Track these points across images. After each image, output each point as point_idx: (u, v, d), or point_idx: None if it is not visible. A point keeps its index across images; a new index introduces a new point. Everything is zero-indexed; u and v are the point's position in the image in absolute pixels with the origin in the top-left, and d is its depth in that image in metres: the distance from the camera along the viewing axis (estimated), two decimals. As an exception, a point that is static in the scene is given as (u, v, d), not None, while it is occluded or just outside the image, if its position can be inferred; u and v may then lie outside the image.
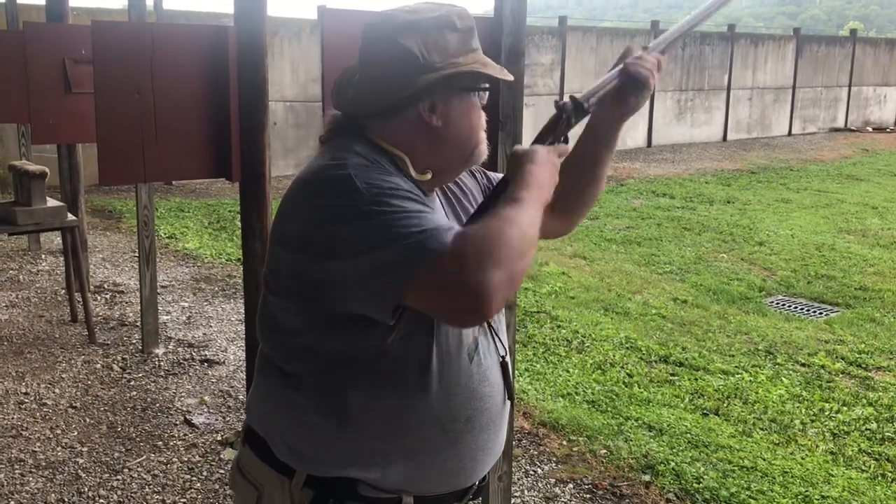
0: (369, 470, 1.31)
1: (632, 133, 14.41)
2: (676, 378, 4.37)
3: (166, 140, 2.90)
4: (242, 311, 5.27)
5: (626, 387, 4.20)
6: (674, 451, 3.44)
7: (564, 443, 3.56)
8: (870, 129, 18.37)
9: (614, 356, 4.66)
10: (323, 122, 1.45)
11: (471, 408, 1.35)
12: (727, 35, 16.12)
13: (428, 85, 1.29)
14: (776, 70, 16.84)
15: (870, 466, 3.42)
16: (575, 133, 1.44)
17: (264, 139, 2.87)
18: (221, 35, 2.86)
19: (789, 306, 5.98)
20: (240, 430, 3.54)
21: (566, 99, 1.46)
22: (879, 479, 3.31)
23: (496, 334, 1.42)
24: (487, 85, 1.37)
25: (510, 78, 1.40)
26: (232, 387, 4.12)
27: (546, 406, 3.89)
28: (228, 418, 3.76)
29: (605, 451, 3.47)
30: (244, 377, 4.00)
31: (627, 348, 4.82)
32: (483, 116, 1.39)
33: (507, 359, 1.44)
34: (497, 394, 1.40)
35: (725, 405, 4.02)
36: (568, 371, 4.42)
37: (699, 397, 4.11)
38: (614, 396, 4.04)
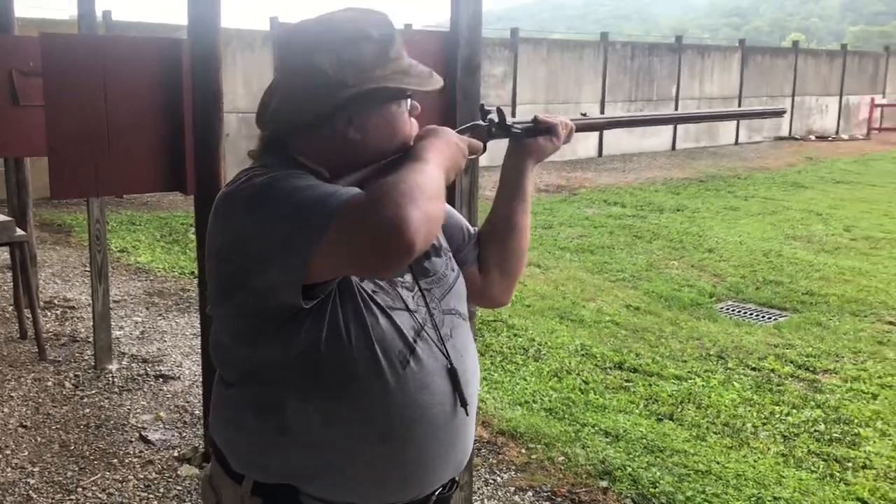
0: (310, 479, 1.31)
1: (583, 143, 14.60)
2: (631, 384, 4.44)
3: (119, 153, 2.87)
4: (197, 325, 5.21)
5: (583, 394, 4.25)
6: (630, 456, 3.50)
7: (523, 451, 3.60)
8: (813, 138, 18.89)
9: (570, 363, 4.72)
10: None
11: (408, 416, 1.32)
12: (675, 46, 16.46)
13: (342, 102, 1.28)
14: (722, 80, 17.24)
15: (819, 467, 3.51)
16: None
17: (219, 151, 2.87)
18: (175, 47, 2.85)
19: (739, 312, 6.11)
20: (196, 445, 3.50)
21: (493, 108, 1.52)
22: (828, 479, 3.41)
23: (443, 341, 1.39)
24: (409, 92, 1.35)
25: (437, 87, 1.37)
26: (188, 402, 4.07)
27: (504, 415, 3.92)
28: (185, 434, 3.72)
29: (563, 458, 3.50)
30: (200, 392, 3.95)
31: (583, 355, 4.88)
32: (410, 122, 1.39)
33: (458, 366, 1.39)
34: (442, 403, 1.36)
35: (679, 410, 4.10)
36: (525, 379, 4.46)
37: (654, 403, 4.18)
38: (571, 403, 4.09)
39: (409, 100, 1.37)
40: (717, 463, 3.47)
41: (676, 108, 16.29)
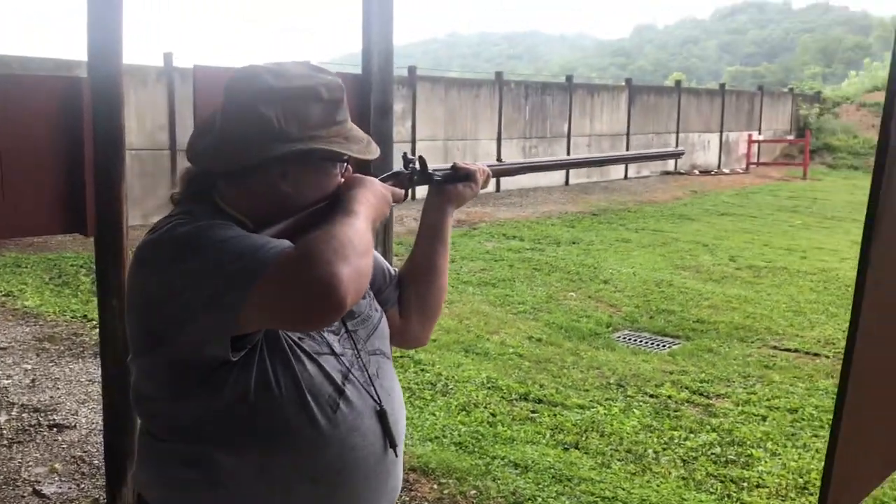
0: None
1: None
2: (537, 415, 4.53)
3: (14, 195, 2.76)
4: (93, 370, 5.00)
5: (491, 426, 4.31)
6: (539, 486, 3.57)
7: (435, 486, 3.61)
8: (697, 172, 19.85)
9: (477, 397, 4.78)
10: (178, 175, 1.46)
11: (340, 459, 1.33)
12: (566, 86, 17.05)
13: (281, 155, 1.29)
14: (611, 118, 17.95)
15: (717, 489, 3.67)
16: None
17: (122, 191, 2.80)
18: (75, 86, 2.77)
19: (635, 340, 6.33)
20: (97, 497, 3.35)
21: (415, 157, 1.57)
22: (726, 499, 3.57)
23: (371, 382, 1.41)
24: (346, 157, 1.38)
25: (374, 156, 1.41)
26: (86, 451, 3.90)
27: (415, 451, 3.93)
28: (83, 485, 3.55)
29: (475, 491, 3.54)
30: (99, 441, 3.79)
31: (489, 388, 4.95)
32: (339, 181, 1.40)
33: (387, 407, 1.42)
34: (372, 443, 1.38)
35: (584, 439, 4.20)
36: (434, 414, 4.48)
37: (559, 432, 4.28)
38: (480, 437, 4.14)
39: (345, 163, 1.40)
40: (623, 489, 3.57)
41: (568, 145, 16.83)
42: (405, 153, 1.59)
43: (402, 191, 1.51)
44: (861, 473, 0.90)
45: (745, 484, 3.72)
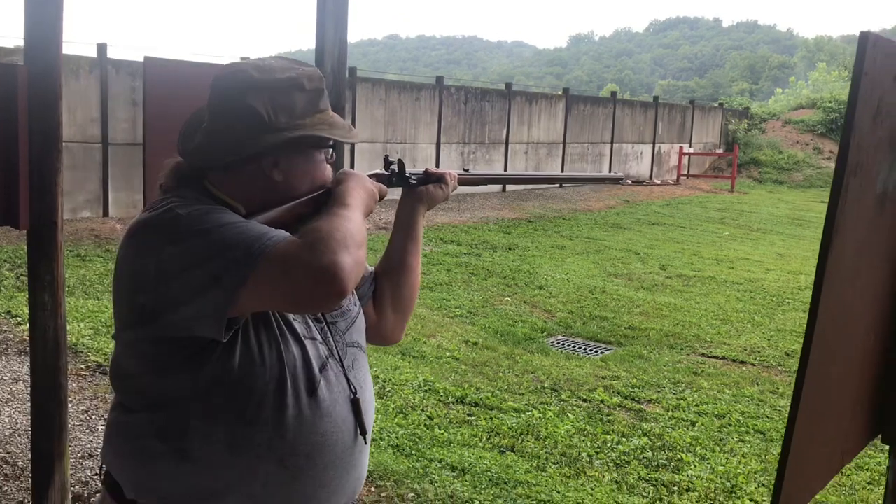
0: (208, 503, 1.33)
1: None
2: (473, 418, 4.56)
3: (-59, 185, 2.64)
4: (17, 368, 4.82)
5: (428, 429, 4.32)
6: (476, 489, 3.59)
7: (373, 489, 3.60)
8: (629, 182, 20.25)
9: (415, 399, 4.78)
10: (164, 166, 1.47)
11: (310, 443, 1.37)
12: (505, 92, 17.21)
13: (272, 145, 1.35)
14: (549, 126, 18.18)
15: (649, 492, 3.75)
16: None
17: (57, 185, 2.72)
18: (9, 73, 2.68)
19: (568, 346, 6.43)
20: (21, 500, 3.24)
21: (395, 160, 1.66)
22: (658, 503, 3.65)
23: (347, 372, 1.46)
24: (332, 143, 1.45)
25: (356, 139, 1.49)
26: (9, 453, 3.75)
27: (351, 453, 3.91)
28: (6, 488, 3.42)
29: (412, 494, 3.54)
30: (24, 442, 3.66)
31: (426, 391, 4.95)
32: (327, 169, 1.48)
33: (361, 396, 1.47)
34: (343, 431, 1.42)
35: (520, 442, 4.25)
36: (370, 417, 4.46)
37: (495, 435, 4.31)
38: (417, 439, 4.14)
39: (330, 149, 1.46)
40: (558, 493, 3.62)
41: (507, 152, 16.98)
42: (387, 156, 1.68)
43: (387, 188, 1.59)
44: (814, 468, 0.94)
45: (676, 488, 3.81)
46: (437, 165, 15.48)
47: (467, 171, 1.81)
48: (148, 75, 2.01)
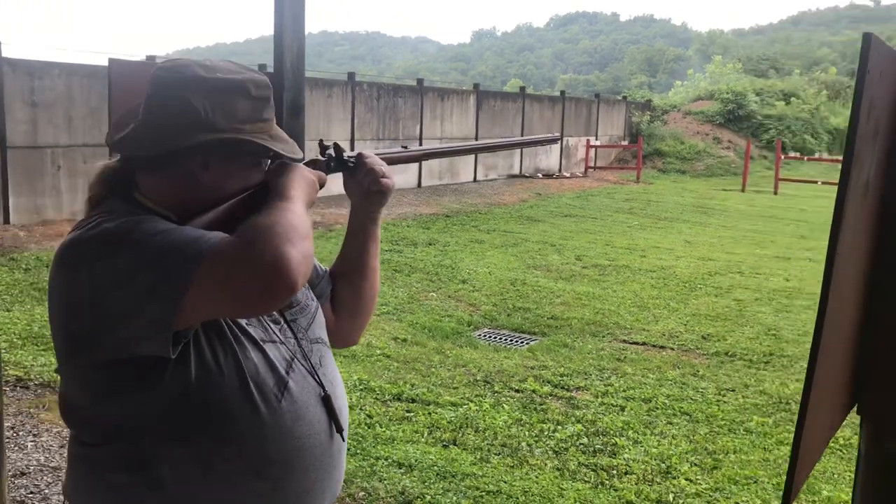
0: None
1: (337, 181, 14.75)
2: (412, 414, 4.58)
3: None
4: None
5: (369, 428, 4.31)
6: (426, 484, 3.62)
7: (319, 490, 3.58)
8: (540, 176, 20.62)
9: (352, 398, 4.76)
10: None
11: (287, 450, 1.33)
12: (417, 89, 17.25)
13: (204, 143, 1.29)
14: (461, 122, 18.33)
15: (590, 477, 3.86)
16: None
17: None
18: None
19: (495, 338, 6.52)
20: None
21: (330, 144, 1.59)
22: (601, 487, 3.76)
23: (315, 370, 1.41)
24: (272, 154, 1.38)
25: (299, 156, 1.42)
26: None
27: (294, 456, 3.87)
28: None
29: (363, 493, 3.54)
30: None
31: (362, 390, 4.94)
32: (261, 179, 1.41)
33: (332, 393, 1.43)
34: (318, 432, 1.38)
35: (461, 435, 4.29)
36: (308, 418, 4.43)
37: (436, 430, 4.35)
38: (361, 438, 4.14)
39: (269, 160, 1.41)
40: (505, 482, 3.69)
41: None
42: (321, 140, 1.61)
43: (326, 176, 1.52)
44: (817, 440, 1.01)
45: (615, 471, 3.93)
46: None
47: (406, 147, 1.77)
48: (113, 77, 1.94)
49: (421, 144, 16.87)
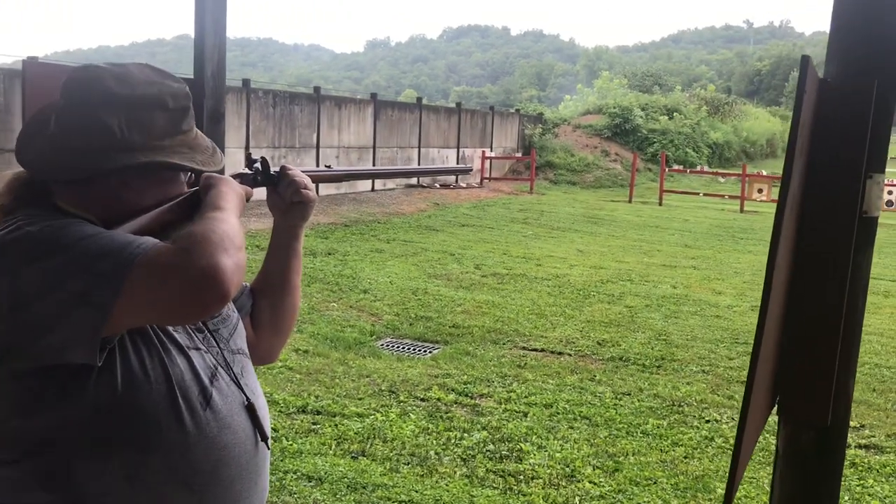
0: None
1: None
2: (318, 426, 4.53)
3: None
4: None
5: (276, 441, 4.24)
6: (337, 497, 3.59)
7: (226, 506, 3.50)
8: (437, 186, 20.76)
9: (255, 412, 4.67)
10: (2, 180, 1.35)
11: (213, 459, 1.31)
12: (314, 97, 17.09)
13: (121, 166, 1.26)
14: (358, 131, 18.27)
15: (499, 484, 3.92)
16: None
17: None
18: None
19: (398, 347, 6.53)
20: None
21: (258, 158, 1.59)
22: (509, 493, 3.82)
23: (237, 380, 1.40)
24: (188, 169, 1.36)
25: (219, 166, 1.41)
26: None
27: (198, 472, 3.77)
28: None
29: (272, 507, 3.48)
30: None
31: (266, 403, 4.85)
32: (183, 187, 1.40)
33: (255, 401, 1.42)
34: (244, 441, 1.37)
35: (369, 446, 4.28)
36: (211, 433, 4.32)
37: (344, 442, 4.32)
38: (267, 452, 4.06)
39: (188, 173, 1.39)
40: (416, 492, 3.70)
41: (318, 156, 16.87)
42: (249, 153, 1.61)
43: (252, 189, 1.52)
44: (751, 441, 1.07)
45: (522, 477, 4.00)
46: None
47: (329, 167, 1.81)
48: (28, 80, 1.85)
49: (318, 153, 16.75)
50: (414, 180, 20.32)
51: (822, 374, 1.17)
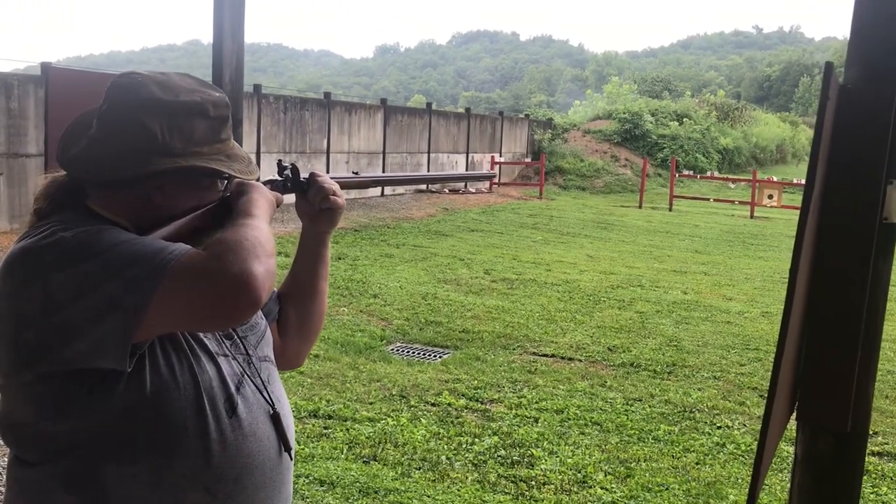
0: None
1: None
2: (330, 430, 4.54)
3: None
4: None
5: (287, 445, 4.25)
6: (349, 501, 3.59)
7: (239, 510, 3.50)
8: (447, 191, 20.79)
9: (267, 416, 4.68)
10: (39, 184, 1.36)
11: (237, 466, 1.31)
12: (324, 102, 17.15)
13: (160, 170, 1.28)
14: (369, 136, 18.31)
15: (510, 489, 3.91)
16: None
17: None
18: None
19: (408, 352, 6.53)
20: None
21: (289, 165, 1.59)
22: (521, 498, 3.81)
23: (264, 387, 1.41)
24: (227, 175, 1.38)
25: (255, 175, 1.43)
26: None
27: (210, 476, 3.78)
28: None
29: (284, 511, 3.48)
30: None
31: (277, 407, 4.87)
32: (218, 197, 1.41)
33: (280, 411, 1.42)
34: (268, 449, 1.38)
35: (380, 451, 4.28)
36: (223, 437, 4.33)
37: (355, 446, 4.32)
38: (278, 456, 4.07)
39: (225, 180, 1.41)
40: (428, 497, 3.70)
41: (328, 161, 16.91)
42: (280, 160, 1.61)
43: (283, 196, 1.53)
44: (772, 445, 1.07)
45: (534, 482, 3.99)
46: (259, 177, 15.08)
47: (356, 174, 1.82)
48: (51, 85, 1.86)
49: (328, 158, 16.79)
50: (423, 186, 20.35)
51: (842, 378, 1.16)
